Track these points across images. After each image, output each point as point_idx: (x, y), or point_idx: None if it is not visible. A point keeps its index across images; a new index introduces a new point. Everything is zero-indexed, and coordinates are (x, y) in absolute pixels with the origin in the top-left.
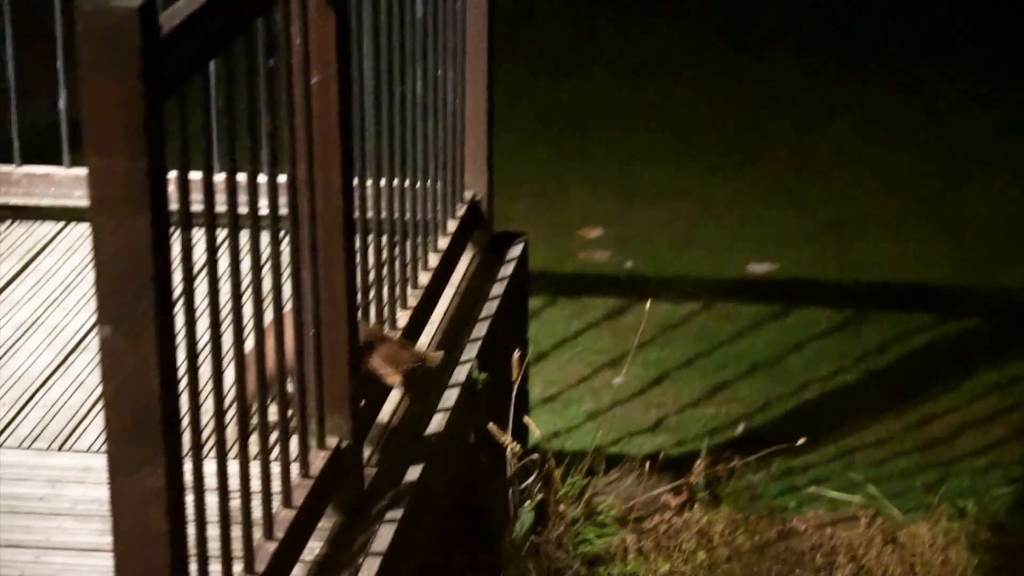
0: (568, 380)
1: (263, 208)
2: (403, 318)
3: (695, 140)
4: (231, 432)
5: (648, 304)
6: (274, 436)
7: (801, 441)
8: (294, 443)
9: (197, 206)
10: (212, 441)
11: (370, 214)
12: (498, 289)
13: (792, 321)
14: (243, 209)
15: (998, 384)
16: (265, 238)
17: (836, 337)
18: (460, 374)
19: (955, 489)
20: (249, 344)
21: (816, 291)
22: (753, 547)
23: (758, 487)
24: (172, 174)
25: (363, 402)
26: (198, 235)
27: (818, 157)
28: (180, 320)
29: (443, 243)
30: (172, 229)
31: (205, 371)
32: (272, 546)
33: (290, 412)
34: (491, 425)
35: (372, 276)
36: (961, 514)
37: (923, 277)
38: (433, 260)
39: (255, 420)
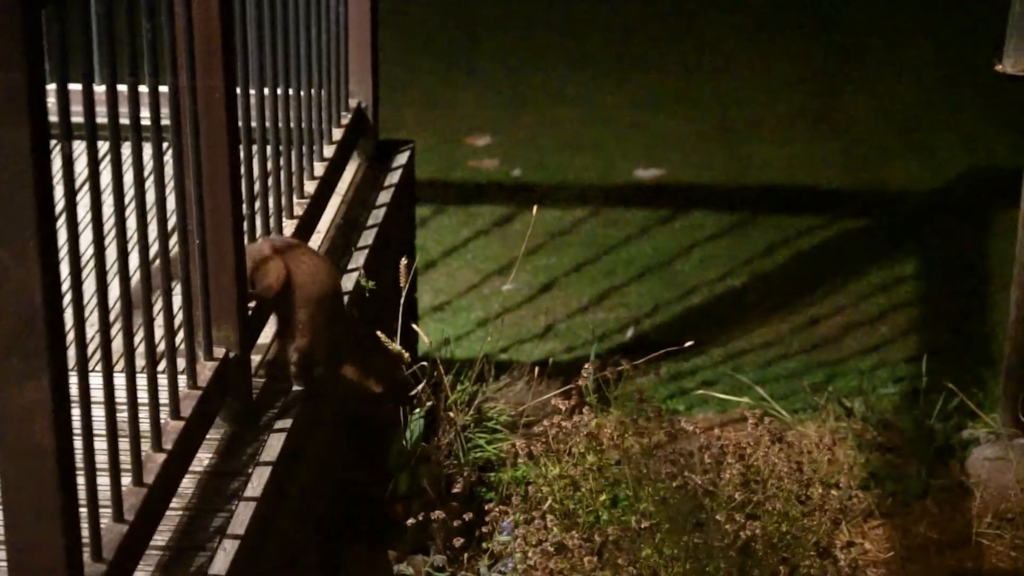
0: (458, 288)
1: (145, 119)
2: (289, 227)
3: (583, 47)
4: (117, 345)
5: (536, 211)
6: (161, 348)
7: (689, 344)
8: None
9: (77, 118)
10: (98, 355)
11: (254, 123)
12: (385, 197)
13: (680, 226)
14: (125, 121)
15: (884, 284)
16: (148, 150)
17: (724, 241)
18: (348, 282)
19: (842, 389)
20: (134, 258)
21: (704, 195)
22: (642, 449)
23: (647, 390)
24: (51, 86)
25: (251, 311)
26: (80, 148)
27: (705, 62)
28: (63, 235)
29: (329, 151)
30: (52, 142)
31: (90, 285)
32: (161, 457)
33: (177, 324)
34: (379, 333)
35: (257, 186)
36: (848, 413)
37: (810, 179)
38: (319, 169)
39: (141, 333)
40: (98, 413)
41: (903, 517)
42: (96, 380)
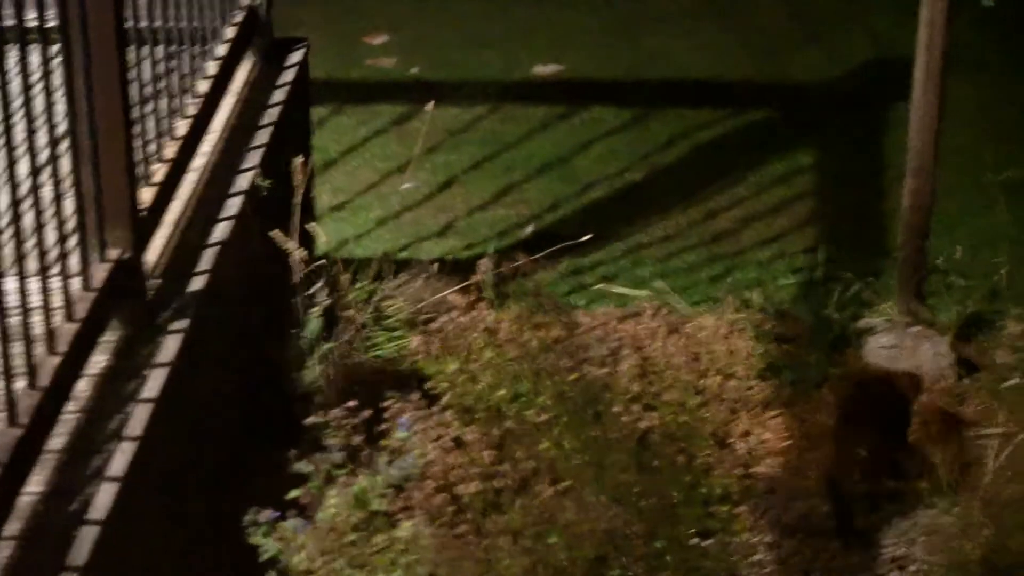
0: (357, 187)
1: (31, 21)
2: (183, 127)
3: None
4: (9, 250)
5: (434, 108)
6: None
7: (588, 238)
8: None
9: None
10: None
11: (143, 23)
12: (280, 96)
13: (579, 121)
14: (9, 23)
15: (783, 176)
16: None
17: (623, 135)
18: (244, 182)
19: (741, 281)
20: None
21: (604, 90)
22: (541, 344)
23: (547, 285)
24: None
25: (144, 212)
26: None
27: None
28: None
29: (221, 51)
30: None
31: None
32: (55, 360)
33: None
34: (275, 232)
35: (149, 87)
36: (747, 305)
37: (712, 72)
38: (211, 68)
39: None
40: None
41: (801, 406)
42: None
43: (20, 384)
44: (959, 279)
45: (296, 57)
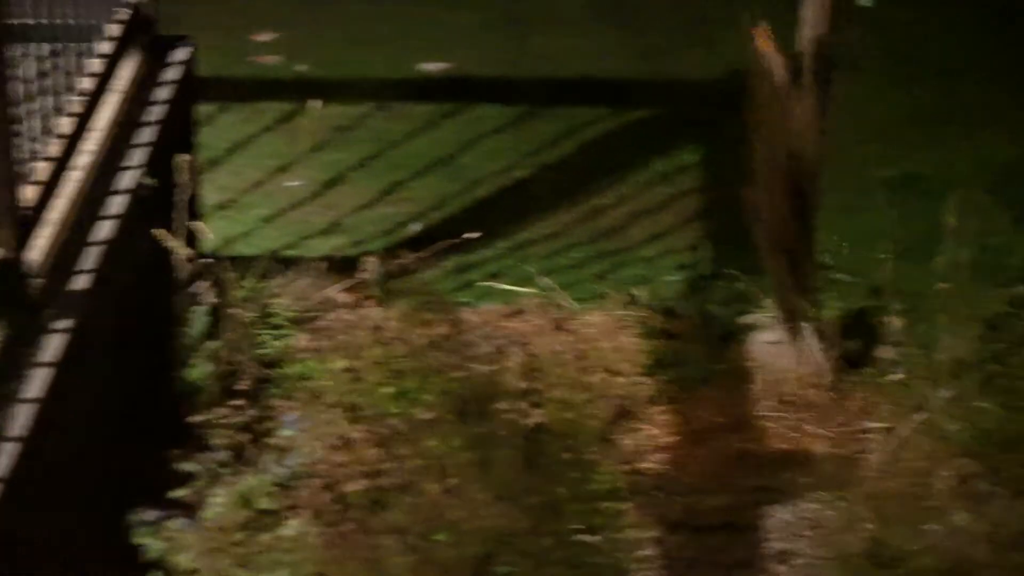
0: (243, 185)
1: None
2: (67, 125)
3: None
4: None
5: (321, 106)
6: None
7: (475, 236)
8: None
9: None
10: None
11: (26, 20)
12: (165, 94)
13: (465, 119)
14: None
15: (669, 173)
16: None
17: (509, 133)
18: (129, 180)
19: (627, 277)
20: None
21: (490, 88)
22: (427, 341)
23: (433, 283)
24: None
25: (26, 211)
26: None
27: None
28: None
29: (106, 48)
30: None
31: None
32: None
33: None
34: (160, 231)
35: (32, 84)
36: (633, 301)
37: (597, 70)
38: (96, 66)
39: None
40: None
41: (687, 402)
42: None
43: None
44: (842, 275)
45: (182, 55)
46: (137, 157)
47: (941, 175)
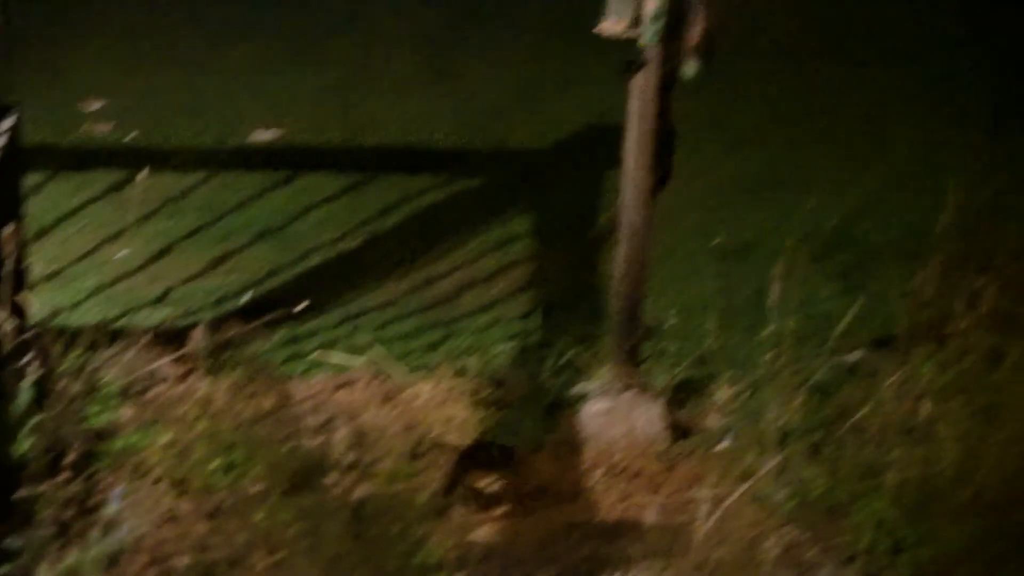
0: (71, 256)
1: None
2: None
3: (195, 12)
4: None
5: (149, 175)
6: None
7: (304, 306)
8: None
9: None
10: None
11: None
12: None
13: (297, 187)
14: None
15: (499, 242)
16: None
17: (341, 202)
18: None
19: (458, 347)
20: None
21: (321, 156)
22: (255, 414)
23: (263, 354)
24: None
25: None
26: None
27: (320, 23)
28: None
29: None
30: None
31: None
32: None
33: None
34: None
35: None
36: (464, 371)
37: (427, 138)
38: None
39: None
40: None
41: (518, 472)
42: None
43: None
44: (672, 344)
45: (8, 123)
46: None
47: (770, 242)
